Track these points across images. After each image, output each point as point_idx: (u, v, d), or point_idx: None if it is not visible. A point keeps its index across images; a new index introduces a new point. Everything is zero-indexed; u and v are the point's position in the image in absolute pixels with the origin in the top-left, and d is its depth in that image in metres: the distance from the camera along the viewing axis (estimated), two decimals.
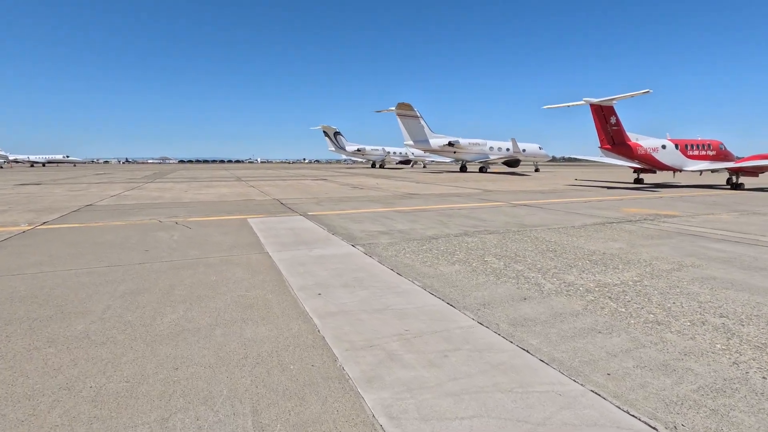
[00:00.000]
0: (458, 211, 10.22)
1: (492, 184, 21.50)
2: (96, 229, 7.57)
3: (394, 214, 9.67)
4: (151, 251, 5.79)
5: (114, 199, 13.16)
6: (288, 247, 6.12)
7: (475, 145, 38.87)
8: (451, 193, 15.60)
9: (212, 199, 13.20)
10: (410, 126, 37.92)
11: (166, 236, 6.90)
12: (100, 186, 19.49)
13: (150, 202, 12.25)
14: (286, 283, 4.36)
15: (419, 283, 4.36)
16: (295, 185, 20.20)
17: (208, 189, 17.50)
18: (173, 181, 23.43)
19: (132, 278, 4.48)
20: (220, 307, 3.63)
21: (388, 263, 5.17)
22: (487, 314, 3.50)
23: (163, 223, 8.20)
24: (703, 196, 14.85)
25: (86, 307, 3.61)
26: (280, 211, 10.25)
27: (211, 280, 4.45)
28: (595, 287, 4.23)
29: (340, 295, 3.99)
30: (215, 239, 6.67)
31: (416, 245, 6.25)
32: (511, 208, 10.87)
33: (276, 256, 5.54)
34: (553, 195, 15.01)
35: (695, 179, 24.32)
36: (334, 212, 10.05)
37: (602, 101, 17.10)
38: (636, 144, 18.05)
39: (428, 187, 19.25)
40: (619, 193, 16.23)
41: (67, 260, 5.25)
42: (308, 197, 13.80)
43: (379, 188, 18.17)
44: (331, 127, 58.02)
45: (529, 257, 5.49)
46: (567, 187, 18.77)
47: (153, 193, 15.55)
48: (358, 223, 8.31)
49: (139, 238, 6.69)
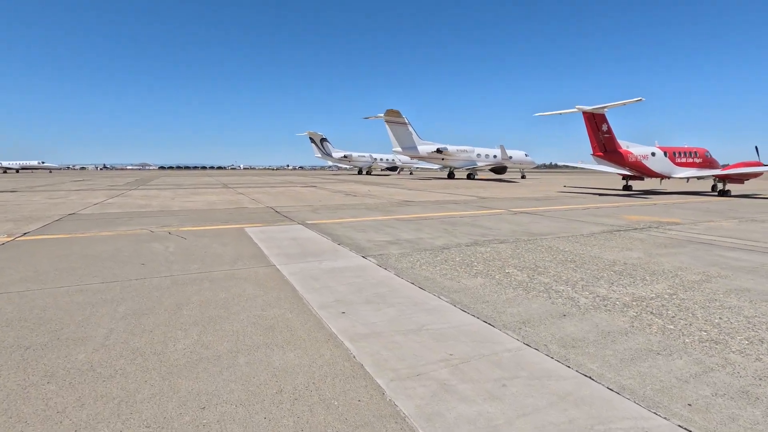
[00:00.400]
0: (460, 219, 10.00)
1: (484, 191, 21.46)
2: (83, 240, 7.07)
3: (396, 223, 9.39)
4: (147, 265, 5.37)
5: (98, 207, 12.54)
6: (295, 259, 5.77)
7: (463, 152, 39.02)
8: (446, 201, 15.42)
9: (202, 207, 12.70)
10: (398, 133, 37.84)
11: (161, 248, 6.46)
12: (81, 193, 18.69)
13: (137, 210, 11.69)
14: (303, 300, 4.02)
15: (446, 298, 4.09)
16: (286, 192, 19.76)
17: (195, 196, 16.93)
18: (158, 188, 22.69)
19: (132, 296, 4.08)
20: (238, 330, 3.28)
21: (406, 276, 4.88)
22: (531, 334, 3.24)
23: (155, 233, 7.74)
24: (695, 203, 15.02)
25: (85, 332, 3.21)
26: (276, 219, 9.87)
27: (220, 297, 4.09)
28: (631, 301, 4.02)
29: (365, 313, 3.68)
30: (215, 251, 6.27)
31: (429, 256, 5.97)
32: (512, 216, 10.71)
33: (285, 269, 5.19)
34: (549, 202, 14.97)
35: (681, 186, 24.79)
36: (334, 221, 9.72)
37: (594, 109, 17.26)
38: (627, 151, 18.27)
39: (421, 194, 19.06)
40: (612, 200, 16.31)
41: (56, 276, 4.80)
42: (302, 205, 13.42)
43: (373, 195, 17.89)
44: (318, 134, 57.65)
45: (551, 268, 5.27)
46: (559, 194, 18.81)
47: (138, 200, 14.93)
48: (362, 233, 8.00)
49: (132, 250, 6.24)
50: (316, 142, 58.15)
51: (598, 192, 20.33)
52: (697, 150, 19.93)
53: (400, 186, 26.19)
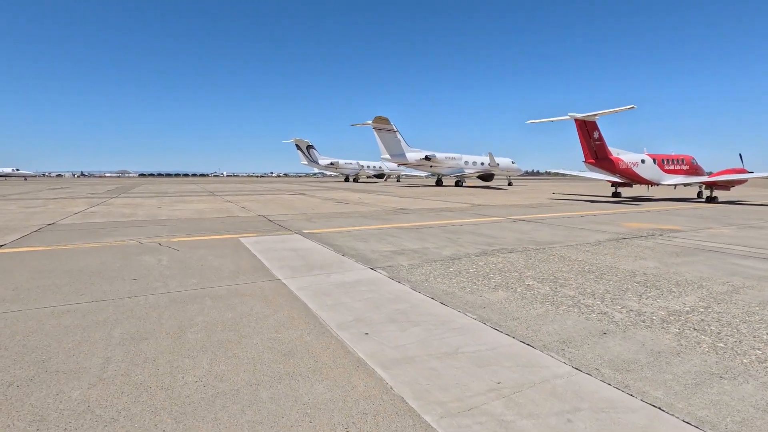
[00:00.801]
0: (461, 228, 9.77)
1: (476, 198, 21.36)
2: (66, 252, 6.57)
3: (397, 231, 9.10)
4: (140, 280, 4.94)
5: (79, 216, 11.91)
6: (300, 272, 5.42)
7: (452, 159, 39.08)
8: (441, 208, 15.21)
9: (191, 216, 12.19)
10: (387, 140, 37.70)
11: (152, 261, 6.03)
12: (59, 202, 17.88)
13: (122, 219, 11.13)
14: (319, 319, 3.68)
15: (473, 315, 3.80)
16: (276, 200, 19.28)
17: (182, 205, 16.34)
18: (141, 196, 21.93)
19: (127, 318, 3.68)
20: (254, 357, 2.92)
21: (423, 290, 4.58)
22: (577, 356, 2.97)
23: (144, 245, 7.28)
24: (686, 210, 15.15)
25: (78, 363, 2.81)
26: (271, 229, 9.47)
27: (227, 317, 3.71)
28: (668, 316, 3.80)
29: (391, 334, 3.36)
30: (212, 263, 5.87)
31: (441, 267, 5.69)
32: (512, 224, 10.54)
33: (291, 283, 4.84)
34: (543, 209, 14.90)
35: (668, 193, 25.17)
36: (331, 230, 9.37)
37: (586, 116, 17.38)
38: (617, 158, 18.43)
39: (414, 201, 18.83)
40: (604, 206, 16.36)
41: (39, 294, 4.35)
42: (295, 213, 13.02)
43: (365, 203, 17.58)
44: (304, 141, 57.15)
45: (572, 280, 5.04)
46: (550, 201, 18.81)
47: (122, 209, 14.29)
48: (364, 242, 7.68)
49: (121, 264, 5.79)
50: (303, 149, 57.61)
51: (588, 199, 20.44)
52: (684, 157, 20.26)
53: (390, 193, 25.95)
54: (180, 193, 26.21)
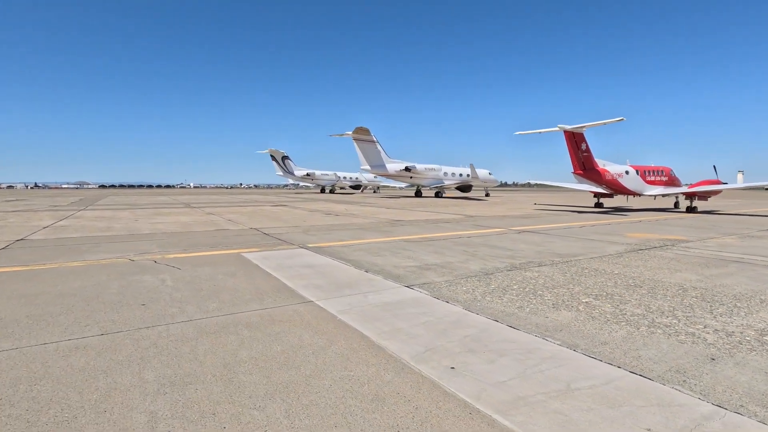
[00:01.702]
0: (470, 240, 9.43)
1: (464, 209, 21.22)
2: (49, 273, 5.74)
3: (407, 245, 8.65)
4: (150, 306, 4.27)
5: (49, 231, 10.81)
6: (330, 291, 4.87)
7: (431, 170, 39.13)
8: (436, 219, 14.88)
9: (176, 229, 11.31)
10: (367, 151, 37.36)
11: (155, 281, 5.31)
12: (21, 215, 16.41)
13: (100, 234, 10.15)
14: (386, 351, 3.17)
15: (555, 340, 3.39)
16: (259, 212, 18.45)
17: (162, 217, 15.29)
18: (112, 209, 20.53)
19: (155, 355, 3.05)
20: (337, 405, 2.38)
21: (480, 311, 4.14)
22: (705, 388, 2.60)
23: (137, 263, 6.51)
24: (674, 219, 15.47)
25: (116, 423, 2.19)
26: (271, 243, 8.81)
27: (275, 351, 3.14)
28: (759, 335, 3.52)
29: (480, 367, 2.89)
30: (225, 284, 5.23)
31: (480, 284, 5.28)
32: (518, 235, 10.30)
33: (328, 306, 4.29)
34: (536, 220, 14.84)
35: (646, 203, 25.89)
36: (336, 243, 8.81)
37: (575, 128, 17.64)
38: (604, 170, 18.79)
39: (404, 212, 18.45)
40: (595, 217, 16.50)
41: (32, 326, 3.62)
42: (288, 226, 12.35)
43: (354, 214, 17.05)
44: (279, 151, 56.06)
45: (627, 296, 4.73)
46: (538, 212, 18.86)
47: (96, 222, 13.17)
48: (380, 257, 7.18)
49: (119, 286, 5.06)
50: (278, 160, 56.46)
51: (574, 209, 20.67)
52: (663, 168, 20.93)
53: (375, 205, 25.50)
54: (153, 204, 24.82)
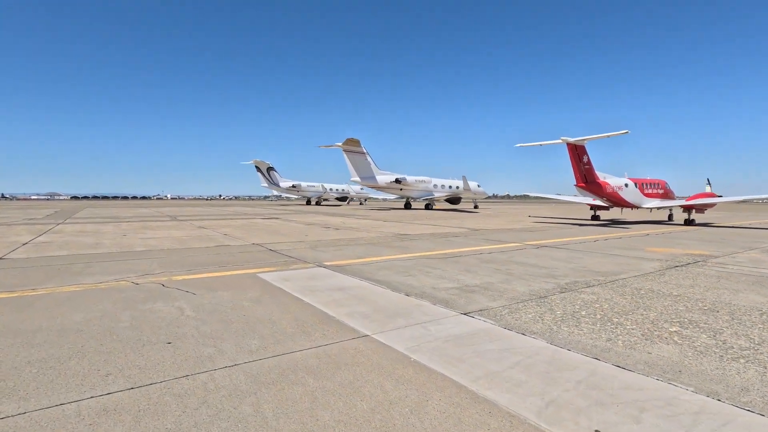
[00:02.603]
0: (493, 256, 8.93)
1: (463, 221, 20.82)
2: (43, 300, 4.93)
3: (432, 262, 8.07)
4: (178, 344, 3.56)
5: (31, 248, 9.82)
6: (381, 321, 4.25)
7: (422, 182, 38.90)
8: (443, 233, 14.37)
9: (172, 245, 10.46)
10: (357, 162, 36.88)
11: (171, 311, 4.59)
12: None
13: (89, 252, 9.24)
14: (499, 406, 2.57)
15: (687, 386, 2.85)
16: (254, 225, 17.61)
17: (152, 231, 14.33)
18: (94, 222, 19.31)
19: (211, 419, 2.37)
20: None
21: (568, 345, 3.59)
22: None
23: (142, 287, 5.74)
24: (680, 232, 15.39)
25: None
26: (282, 261, 8.11)
27: (363, 410, 2.51)
28: None
29: (628, 428, 2.33)
30: (255, 312, 4.54)
31: (542, 309, 4.75)
32: (540, 250, 9.88)
33: (391, 341, 3.67)
34: (542, 233, 14.51)
35: (641, 216, 25.96)
36: (355, 261, 8.18)
37: (579, 140, 17.54)
38: (605, 182, 18.72)
39: (404, 226, 17.90)
40: (599, 230, 16.29)
41: (40, 379, 2.89)
42: (291, 241, 11.62)
43: (355, 228, 16.41)
44: (264, 162, 55.04)
45: (714, 324, 4.27)
46: (536, 224, 18.58)
47: (82, 238, 12.15)
48: (412, 277, 6.60)
49: (131, 317, 4.32)
50: (263, 171, 55.36)
51: (573, 222, 20.52)
52: (659, 181, 21.08)
53: (369, 218, 24.89)
54: (137, 217, 23.59)
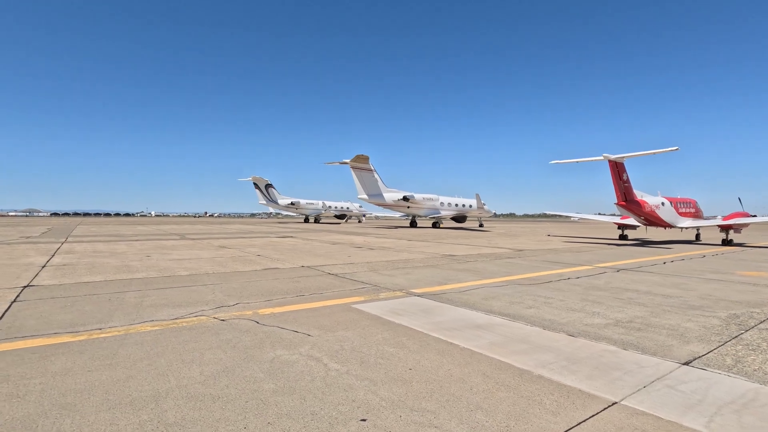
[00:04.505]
0: (588, 281, 8.03)
1: (491, 241, 19.97)
2: (126, 345, 3.81)
3: (529, 288, 7.12)
4: (376, 422, 2.54)
5: (55, 272, 8.56)
6: (595, 377, 3.27)
7: (429, 200, 38.17)
8: (489, 253, 13.44)
9: (214, 269, 9.29)
10: (364, 179, 36.04)
11: (310, 363, 3.53)
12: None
13: (126, 277, 8.03)
14: None
15: None
16: (280, 245, 16.45)
17: (176, 252, 13.07)
18: (102, 241, 17.86)
19: None
20: None
21: None
22: None
23: (231, 323, 4.66)
24: (734, 253, 14.77)
25: None
26: (358, 288, 7.08)
27: None
28: None
29: None
30: (421, 363, 3.52)
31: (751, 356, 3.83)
32: (621, 273, 9.03)
33: (664, 412, 2.69)
34: (591, 254, 13.72)
35: (666, 235, 25.18)
36: (441, 288, 7.17)
37: (621, 157, 16.99)
38: (643, 201, 18.15)
39: (438, 245, 16.93)
40: (646, 251, 15.58)
41: None
42: (340, 263, 10.54)
43: (389, 248, 15.39)
44: (263, 179, 53.91)
45: None
46: (568, 245, 17.79)
47: (103, 259, 10.87)
48: (534, 308, 5.64)
49: (267, 375, 3.25)
50: (261, 188, 54.14)
51: (602, 242, 19.85)
52: (690, 200, 20.67)
53: (390, 236, 23.87)
54: (141, 236, 22.16)
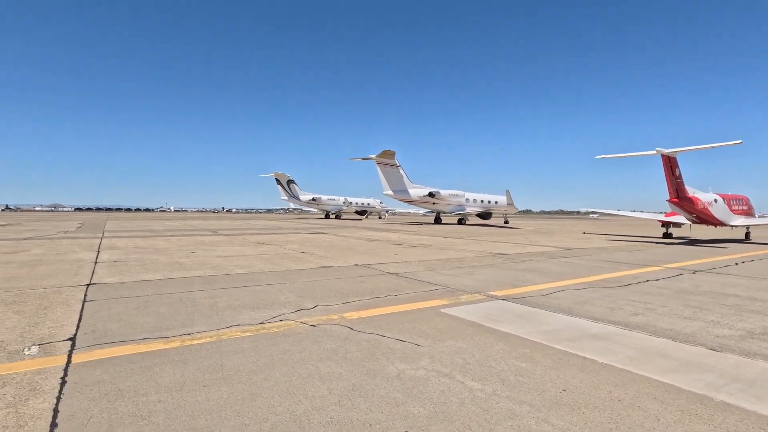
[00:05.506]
0: (668, 283, 7.45)
1: (530, 238, 19.34)
2: (228, 354, 3.44)
3: (615, 291, 6.58)
4: None
5: (110, 269, 8.34)
6: None
7: (455, 196, 37.55)
8: (537, 252, 12.87)
9: (267, 267, 8.96)
10: (390, 175, 35.59)
11: (445, 382, 3.12)
12: (40, 245, 13.69)
13: (183, 275, 7.74)
14: None
15: None
16: (317, 241, 16.12)
17: (219, 248, 12.84)
18: (140, 237, 17.82)
19: None
20: None
21: None
22: None
23: (323, 329, 4.27)
24: None
25: None
26: (430, 290, 6.65)
27: None
28: None
29: None
30: (569, 382, 3.06)
31: None
32: (698, 275, 8.40)
33: None
34: (645, 253, 13.03)
35: (719, 233, 23.58)
36: (517, 290, 6.69)
37: (675, 151, 16.14)
38: (695, 197, 17.25)
39: (478, 243, 16.40)
40: (705, 251, 14.80)
41: None
42: (391, 261, 10.12)
43: (432, 245, 14.93)
44: (285, 175, 53.92)
45: None
46: (611, 243, 17.00)
47: (149, 256, 10.67)
48: (639, 315, 5.12)
49: (405, 396, 2.84)
50: (283, 184, 54.17)
51: (647, 240, 19.02)
52: (743, 197, 19.65)
53: (422, 233, 23.39)
54: (174, 231, 22.15)
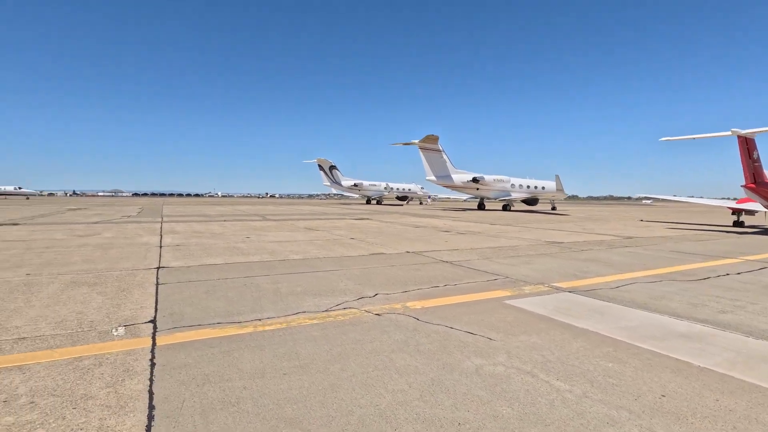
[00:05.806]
0: (752, 277, 6.81)
1: (584, 225, 18.47)
2: (302, 342, 3.43)
3: (688, 285, 6.09)
4: None
5: (174, 253, 8.73)
6: None
7: (500, 181, 36.54)
8: (596, 240, 12.22)
9: (321, 253, 9.05)
10: (432, 160, 35.10)
11: (529, 381, 2.95)
12: (109, 228, 14.60)
13: (242, 260, 7.96)
14: None
15: None
16: (363, 227, 16.19)
17: (272, 233, 13.16)
18: (195, 221, 18.65)
19: None
20: None
21: None
22: None
23: (389, 319, 4.20)
24: None
25: None
26: (488, 279, 6.43)
27: None
28: None
29: None
30: (667, 387, 2.80)
31: None
32: None
33: None
34: (717, 243, 12.03)
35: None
36: (583, 282, 6.34)
37: (753, 132, 14.73)
38: None
39: (529, 230, 15.85)
40: None
41: None
42: (443, 249, 9.94)
43: (481, 232, 14.59)
44: (327, 161, 54.60)
45: None
46: (672, 232, 15.86)
47: (207, 240, 11.09)
48: (727, 314, 4.67)
49: (490, 394, 2.70)
50: (325, 170, 54.92)
51: (717, 229, 17.63)
52: None
53: (468, 219, 22.97)
54: (226, 216, 23.02)
